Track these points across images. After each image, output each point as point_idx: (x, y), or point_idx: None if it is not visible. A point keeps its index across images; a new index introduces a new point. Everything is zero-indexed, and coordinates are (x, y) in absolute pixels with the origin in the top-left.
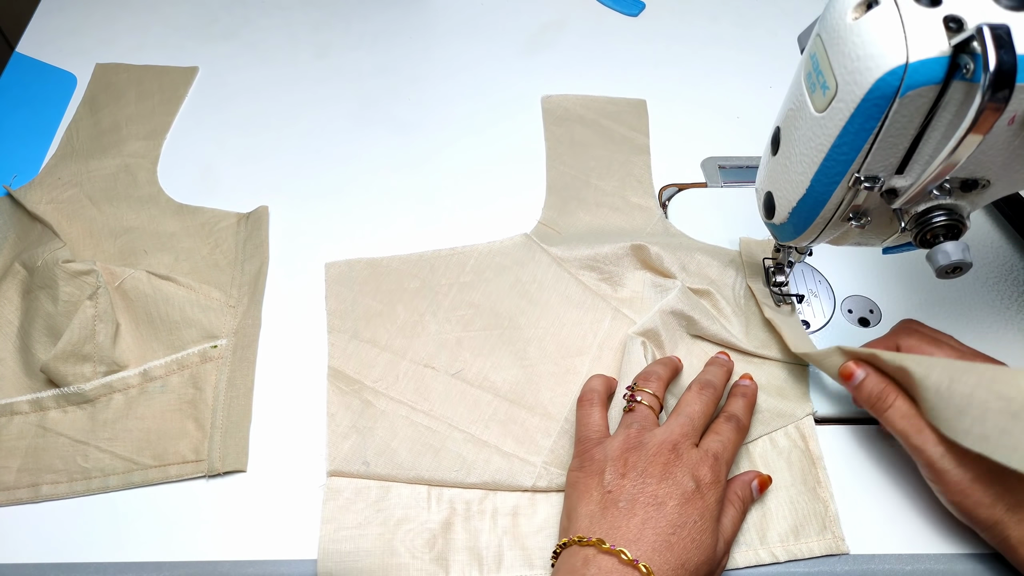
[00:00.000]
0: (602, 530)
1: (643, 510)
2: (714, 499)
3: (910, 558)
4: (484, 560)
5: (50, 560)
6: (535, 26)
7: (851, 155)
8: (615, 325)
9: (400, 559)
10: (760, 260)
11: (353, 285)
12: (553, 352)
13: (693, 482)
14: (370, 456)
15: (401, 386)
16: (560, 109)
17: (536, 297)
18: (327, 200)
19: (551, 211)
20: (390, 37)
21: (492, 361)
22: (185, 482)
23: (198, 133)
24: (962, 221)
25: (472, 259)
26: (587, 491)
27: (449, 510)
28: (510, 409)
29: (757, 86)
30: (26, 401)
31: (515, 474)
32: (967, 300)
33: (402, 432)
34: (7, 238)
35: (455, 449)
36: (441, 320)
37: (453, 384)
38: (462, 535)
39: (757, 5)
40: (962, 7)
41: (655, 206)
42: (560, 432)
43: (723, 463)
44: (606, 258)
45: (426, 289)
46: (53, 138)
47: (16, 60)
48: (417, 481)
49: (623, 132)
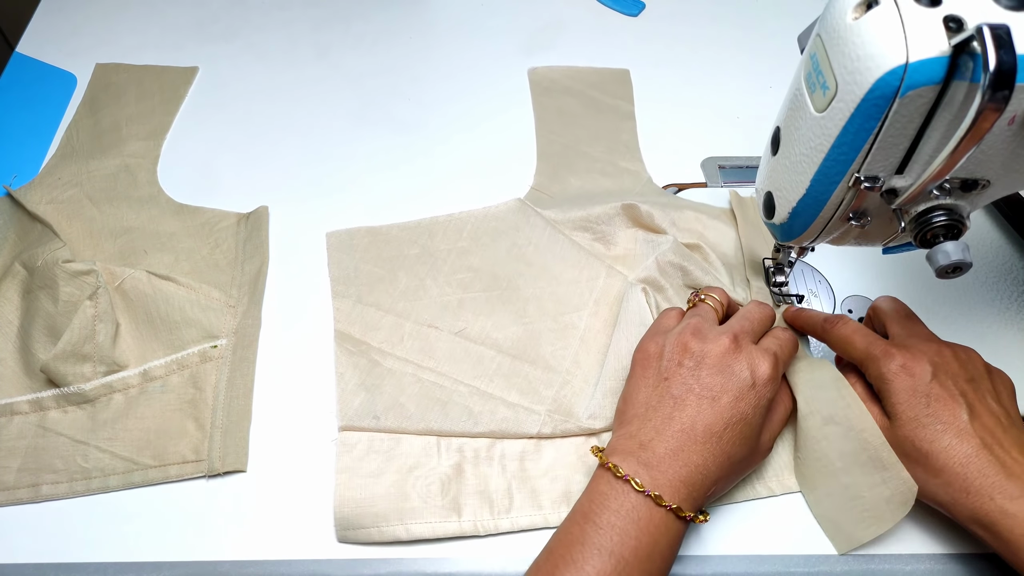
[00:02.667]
0: (653, 426)
1: (696, 402)
2: (768, 395)
3: (910, 558)
4: (494, 503)
5: (50, 560)
6: (535, 26)
7: (851, 155)
8: (610, 282)
9: (413, 503)
10: (750, 215)
11: (354, 253)
12: (551, 309)
13: (750, 375)
14: (379, 411)
15: (406, 346)
16: (547, 81)
17: (532, 259)
18: (327, 200)
19: (542, 177)
20: (390, 37)
21: (493, 320)
22: (185, 482)
23: (198, 133)
24: (962, 221)
25: (469, 224)
26: (644, 374)
27: (458, 458)
28: (513, 364)
29: (757, 86)
30: (26, 401)
31: (520, 422)
32: (967, 300)
33: (409, 388)
34: (7, 238)
35: (461, 402)
36: (442, 284)
37: (456, 342)
38: (472, 480)
39: (757, 5)
40: (962, 7)
41: (643, 169)
42: (561, 383)
43: (781, 362)
44: (598, 218)
45: (426, 255)
46: (53, 138)
47: (16, 60)
48: (426, 432)
49: (608, 101)
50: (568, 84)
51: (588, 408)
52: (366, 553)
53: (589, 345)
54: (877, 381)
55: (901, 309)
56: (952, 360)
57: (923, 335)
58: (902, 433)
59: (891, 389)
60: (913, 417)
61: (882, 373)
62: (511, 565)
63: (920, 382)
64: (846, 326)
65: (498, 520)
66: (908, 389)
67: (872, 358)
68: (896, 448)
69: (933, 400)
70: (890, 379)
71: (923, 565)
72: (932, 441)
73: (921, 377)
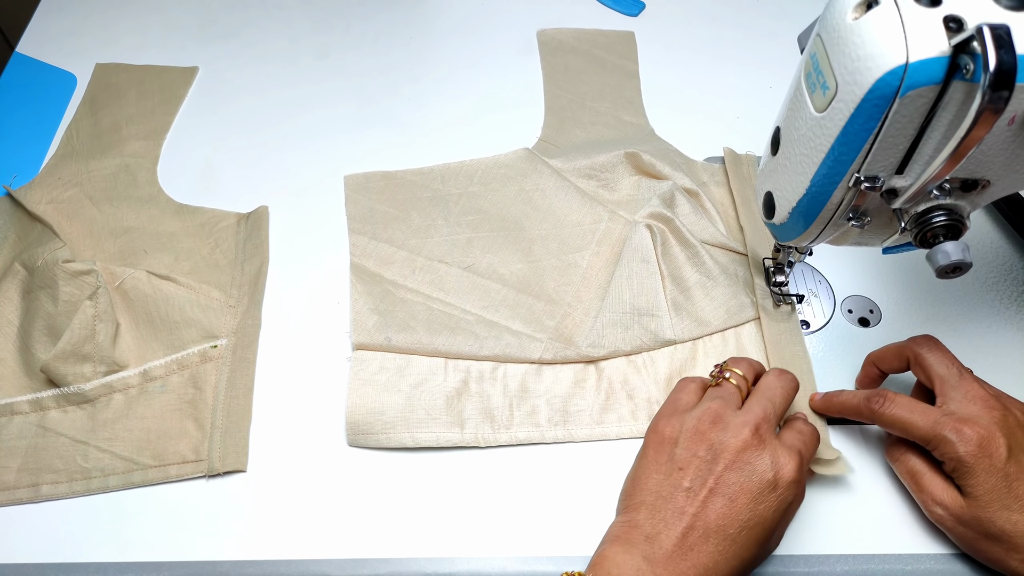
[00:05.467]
0: (662, 518)
1: (711, 499)
2: (789, 498)
3: (910, 558)
4: (495, 418)
5: (50, 560)
6: (535, 26)
7: (851, 155)
8: (612, 225)
9: (419, 415)
10: (743, 170)
11: (370, 194)
12: (556, 249)
13: (773, 476)
14: (391, 332)
15: (417, 278)
16: (555, 41)
17: (539, 203)
18: (327, 200)
19: (550, 130)
20: (390, 37)
21: (500, 257)
22: (185, 482)
23: (198, 133)
24: (962, 221)
25: (479, 170)
26: (657, 459)
27: (464, 377)
28: (517, 296)
29: (757, 86)
30: (26, 401)
31: (524, 348)
32: (967, 300)
33: (420, 315)
34: (7, 238)
35: (468, 328)
36: (452, 224)
37: (465, 276)
38: (475, 398)
39: (757, 5)
40: (962, 7)
41: (645, 123)
42: (563, 315)
43: (805, 461)
44: (602, 166)
45: (438, 198)
46: (53, 138)
47: (16, 60)
48: (434, 354)
49: (614, 60)
50: (575, 44)
51: (588, 337)
52: (366, 553)
53: (590, 282)
54: (952, 462)
55: (952, 363)
56: (1018, 429)
57: (979, 396)
58: (984, 514)
59: (970, 471)
60: (996, 499)
61: (960, 456)
62: (511, 565)
63: (998, 462)
64: (896, 406)
65: (498, 434)
66: (987, 470)
67: (943, 440)
68: (973, 526)
69: (1012, 480)
70: (970, 463)
71: (923, 565)
72: (1016, 522)
73: (998, 456)
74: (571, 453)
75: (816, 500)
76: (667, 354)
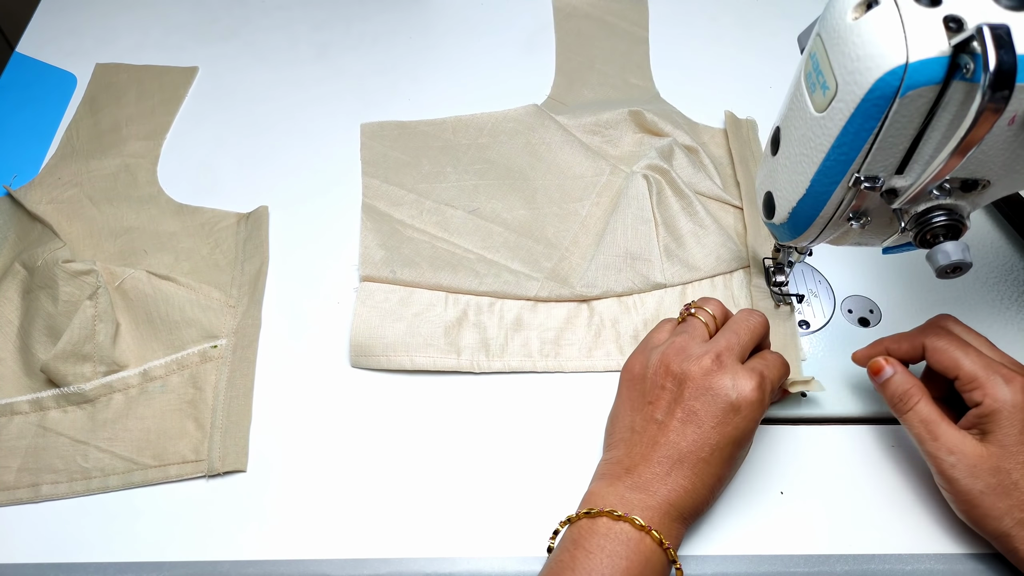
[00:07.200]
0: (639, 451)
1: (680, 427)
2: (755, 417)
3: (910, 558)
4: (490, 348)
5: (50, 560)
6: (535, 26)
7: (851, 155)
8: (612, 178)
9: (419, 340)
10: (742, 132)
11: (384, 141)
12: (558, 198)
13: (736, 393)
14: (397, 267)
15: (425, 220)
16: (569, 7)
17: (544, 155)
18: (327, 200)
19: (559, 89)
20: (390, 37)
21: (504, 203)
22: (185, 482)
23: (198, 133)
24: (962, 221)
25: (489, 124)
26: (630, 395)
27: (463, 309)
28: (518, 239)
29: (757, 86)
30: (26, 401)
31: (521, 285)
32: (967, 300)
33: (425, 252)
34: (7, 238)
35: (470, 266)
36: (460, 171)
37: (469, 219)
38: (473, 328)
39: (757, 5)
40: (962, 7)
41: (652, 86)
42: (560, 258)
43: (768, 382)
44: (607, 123)
45: (448, 148)
46: (53, 138)
47: (16, 60)
48: (436, 288)
49: (625, 27)
50: (588, 10)
51: (583, 278)
52: (366, 553)
53: (588, 229)
54: (995, 403)
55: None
56: None
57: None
58: (1005, 464)
59: (1007, 418)
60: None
61: (1006, 399)
62: (511, 565)
63: None
64: (949, 342)
65: (492, 361)
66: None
67: (992, 383)
68: (987, 477)
69: None
70: (1009, 409)
71: (923, 565)
72: None
73: None
74: (561, 383)
75: (817, 500)
76: (656, 297)
